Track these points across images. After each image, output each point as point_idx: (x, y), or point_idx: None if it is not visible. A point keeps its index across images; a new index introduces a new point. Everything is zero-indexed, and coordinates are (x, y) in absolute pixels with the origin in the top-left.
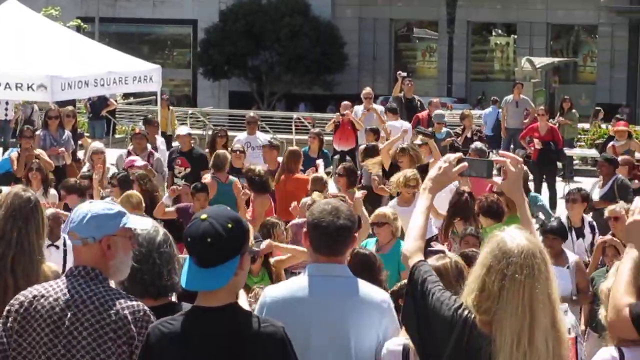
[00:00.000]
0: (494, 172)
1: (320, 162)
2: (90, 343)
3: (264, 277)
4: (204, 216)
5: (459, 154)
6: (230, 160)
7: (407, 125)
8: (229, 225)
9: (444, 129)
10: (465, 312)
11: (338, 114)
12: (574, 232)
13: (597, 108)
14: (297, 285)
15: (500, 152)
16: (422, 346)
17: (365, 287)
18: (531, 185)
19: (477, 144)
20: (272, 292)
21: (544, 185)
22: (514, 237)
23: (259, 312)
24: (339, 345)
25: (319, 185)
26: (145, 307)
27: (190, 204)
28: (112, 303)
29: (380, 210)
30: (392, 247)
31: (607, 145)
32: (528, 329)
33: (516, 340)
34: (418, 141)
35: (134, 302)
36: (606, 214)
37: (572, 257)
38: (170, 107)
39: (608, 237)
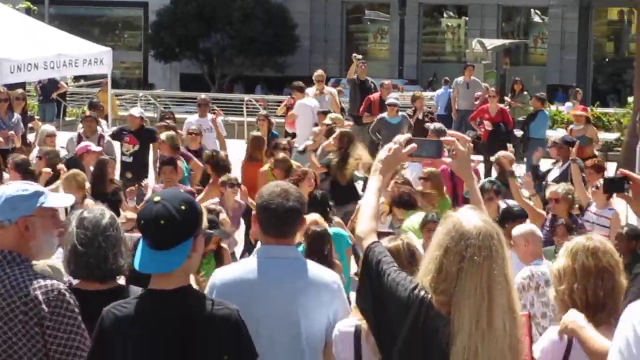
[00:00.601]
0: (445, 152)
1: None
2: (1, 327)
3: (210, 260)
4: (157, 198)
5: (408, 135)
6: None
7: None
8: (183, 208)
9: (400, 114)
10: (422, 293)
11: (289, 96)
12: None
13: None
14: (246, 267)
15: (449, 132)
16: (377, 327)
17: (315, 269)
18: (481, 167)
19: (436, 125)
20: (221, 274)
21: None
22: (469, 218)
23: (209, 293)
24: (289, 326)
25: (284, 165)
26: (61, 286)
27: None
28: (23, 285)
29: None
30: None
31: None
32: (487, 309)
33: (475, 321)
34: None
35: (48, 282)
36: (547, 194)
37: None
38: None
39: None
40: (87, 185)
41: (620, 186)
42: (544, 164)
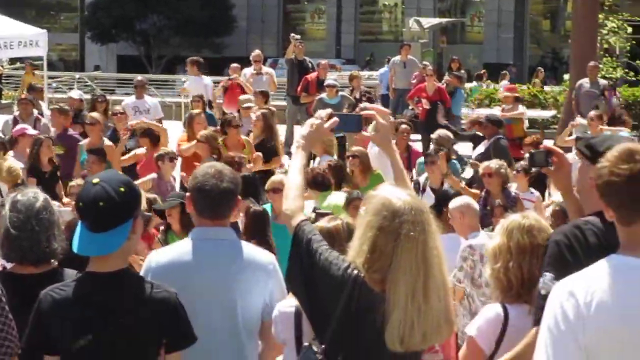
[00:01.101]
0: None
1: None
2: None
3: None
4: (95, 180)
5: (329, 110)
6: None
7: (207, 80)
8: (121, 189)
9: (339, 94)
10: (355, 272)
11: (227, 77)
12: (431, 193)
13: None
14: (181, 249)
15: (368, 105)
16: (310, 308)
17: (251, 250)
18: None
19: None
20: (156, 257)
21: (431, 145)
22: (398, 195)
23: (144, 276)
24: (225, 308)
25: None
26: None
27: None
28: None
29: (275, 177)
30: None
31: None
32: (422, 284)
33: (411, 296)
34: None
35: None
36: (480, 170)
37: None
38: (36, 73)
39: None
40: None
41: (544, 160)
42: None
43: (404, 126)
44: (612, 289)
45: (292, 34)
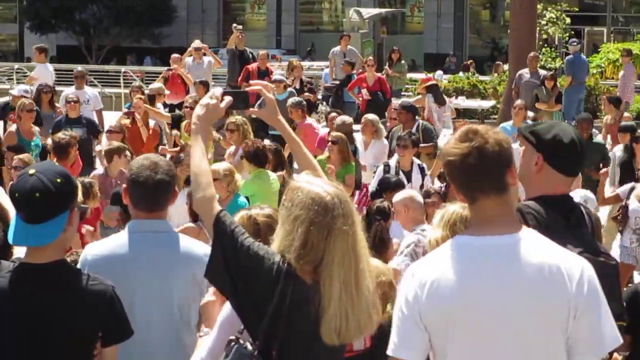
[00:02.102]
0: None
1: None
2: None
3: None
4: (32, 171)
5: (220, 89)
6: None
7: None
8: (58, 180)
9: (288, 90)
10: (286, 265)
11: (167, 68)
12: (403, 176)
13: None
14: (117, 242)
15: (252, 82)
16: (239, 303)
17: (187, 242)
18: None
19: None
20: (92, 249)
21: None
22: (324, 188)
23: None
24: (161, 300)
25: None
26: None
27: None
28: None
29: (212, 166)
30: (229, 203)
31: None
32: (354, 275)
33: (344, 288)
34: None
35: None
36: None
37: None
38: None
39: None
40: None
41: None
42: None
43: (333, 114)
44: (447, 269)
45: (235, 24)
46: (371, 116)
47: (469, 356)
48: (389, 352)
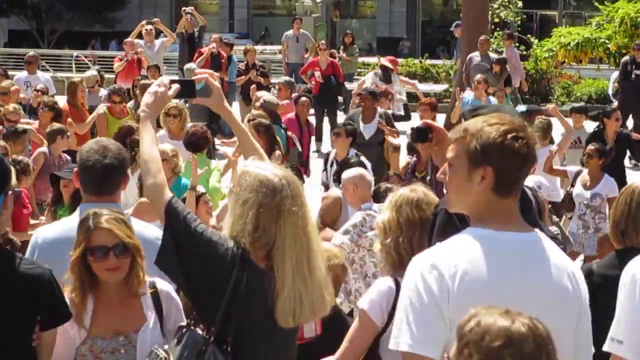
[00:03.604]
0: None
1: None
2: None
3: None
4: None
5: (169, 77)
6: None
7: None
8: None
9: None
10: (240, 251)
11: (132, 52)
12: (335, 165)
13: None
14: (68, 225)
15: (197, 70)
16: (192, 290)
17: (138, 225)
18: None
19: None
20: (43, 233)
21: (325, 119)
22: (271, 170)
23: (30, 253)
24: None
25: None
26: None
27: None
28: None
29: (159, 146)
30: (172, 185)
31: None
32: (306, 256)
33: (297, 270)
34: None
35: None
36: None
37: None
38: None
39: None
40: None
41: (425, 135)
42: None
43: (303, 98)
44: (478, 261)
45: (184, 8)
46: None
47: None
48: (402, 347)
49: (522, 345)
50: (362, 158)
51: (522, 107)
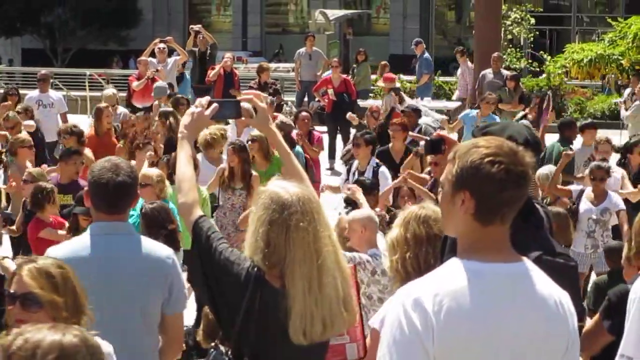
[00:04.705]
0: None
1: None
2: None
3: None
4: None
5: (208, 98)
6: None
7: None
8: None
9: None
10: (255, 270)
11: (152, 70)
12: (357, 175)
13: (382, 62)
14: (79, 244)
15: (245, 91)
16: (213, 306)
17: (149, 244)
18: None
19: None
20: (53, 252)
21: (339, 137)
22: (285, 187)
23: None
24: (123, 303)
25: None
26: None
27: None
28: None
29: (144, 171)
30: None
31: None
32: (317, 272)
33: (307, 286)
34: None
35: None
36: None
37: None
38: None
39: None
40: None
41: (438, 147)
42: None
43: (304, 114)
44: (463, 296)
45: (191, 26)
46: None
47: None
48: None
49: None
50: (382, 169)
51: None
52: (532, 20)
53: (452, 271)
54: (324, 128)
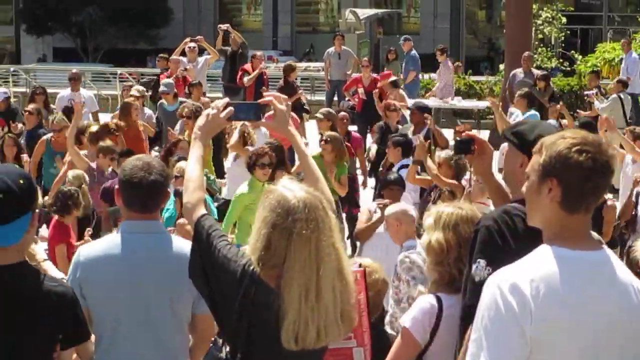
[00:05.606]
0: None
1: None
2: None
3: None
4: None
5: (226, 99)
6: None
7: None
8: (21, 181)
9: (179, 99)
10: (252, 268)
11: (181, 69)
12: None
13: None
14: (111, 243)
15: (265, 93)
16: (212, 304)
17: (180, 243)
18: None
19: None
20: (86, 251)
21: (369, 137)
22: (293, 191)
23: (73, 271)
24: (155, 301)
25: None
26: None
27: None
28: None
29: (180, 163)
30: None
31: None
32: (315, 281)
33: (304, 295)
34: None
35: None
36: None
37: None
38: None
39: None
40: None
41: (468, 147)
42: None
43: (342, 113)
44: (556, 282)
45: (219, 25)
46: None
47: None
48: None
49: None
50: (403, 171)
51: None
52: (563, 20)
53: (544, 258)
54: (354, 127)
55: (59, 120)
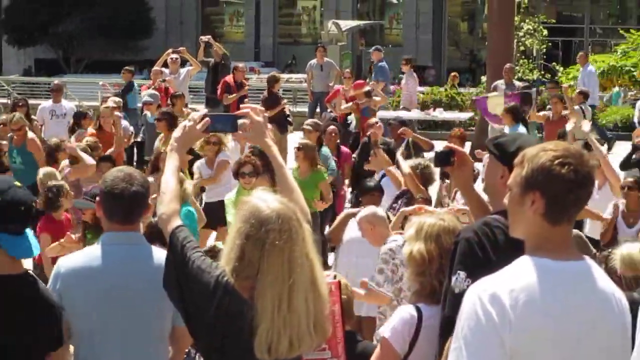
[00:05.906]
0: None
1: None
2: None
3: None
4: (18, 184)
5: (203, 111)
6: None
7: None
8: (30, 193)
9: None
10: (225, 279)
11: (159, 80)
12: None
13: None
14: (91, 254)
15: (242, 105)
16: (186, 314)
17: (161, 255)
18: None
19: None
20: (66, 262)
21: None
22: (267, 202)
23: (53, 282)
24: (135, 313)
25: None
26: None
27: None
28: None
29: None
30: None
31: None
32: (288, 292)
33: (277, 305)
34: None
35: None
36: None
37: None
38: None
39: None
40: None
41: (447, 159)
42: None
43: (331, 127)
44: (536, 292)
45: (201, 37)
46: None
47: None
48: None
49: None
50: (387, 179)
51: None
52: (545, 32)
53: (525, 268)
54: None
55: (18, 120)
